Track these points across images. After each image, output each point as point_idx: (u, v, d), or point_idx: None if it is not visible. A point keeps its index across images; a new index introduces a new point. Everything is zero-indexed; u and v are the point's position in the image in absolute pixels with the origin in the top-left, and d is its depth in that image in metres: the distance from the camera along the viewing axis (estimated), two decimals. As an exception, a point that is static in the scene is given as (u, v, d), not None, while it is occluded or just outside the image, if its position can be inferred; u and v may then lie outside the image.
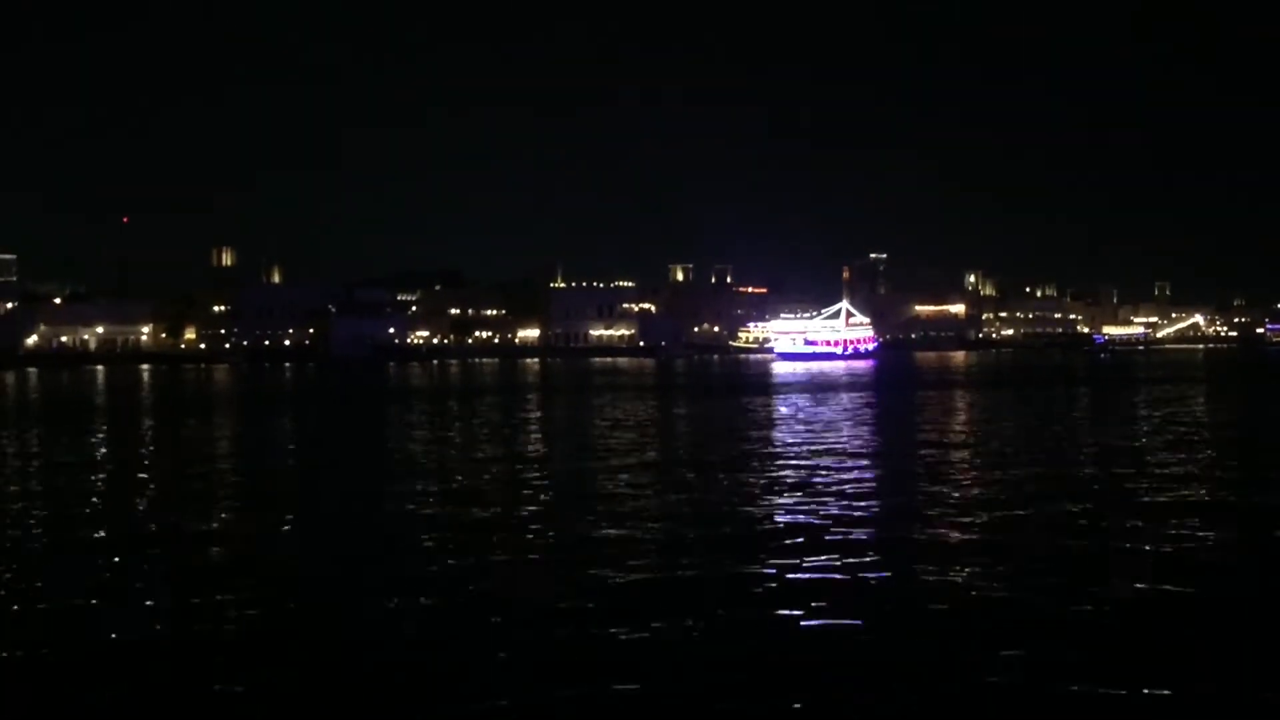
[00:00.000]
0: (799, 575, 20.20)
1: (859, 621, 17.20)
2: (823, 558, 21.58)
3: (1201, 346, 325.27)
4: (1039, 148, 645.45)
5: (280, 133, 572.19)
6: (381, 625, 17.58)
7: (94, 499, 31.90)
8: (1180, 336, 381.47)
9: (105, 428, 60.09)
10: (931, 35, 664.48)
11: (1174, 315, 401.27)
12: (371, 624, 17.67)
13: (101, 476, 37.39)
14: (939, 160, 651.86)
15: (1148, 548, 22.49)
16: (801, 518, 26.34)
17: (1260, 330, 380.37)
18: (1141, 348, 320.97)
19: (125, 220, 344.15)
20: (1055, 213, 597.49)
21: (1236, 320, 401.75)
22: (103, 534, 25.67)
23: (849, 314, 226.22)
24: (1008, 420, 57.39)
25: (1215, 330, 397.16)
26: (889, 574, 20.35)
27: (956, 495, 30.08)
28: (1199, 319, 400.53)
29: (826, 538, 23.68)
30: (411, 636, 16.83)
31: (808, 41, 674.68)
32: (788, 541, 23.31)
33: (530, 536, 24.68)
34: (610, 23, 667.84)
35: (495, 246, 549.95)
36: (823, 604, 18.21)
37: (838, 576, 20.17)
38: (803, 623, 17.07)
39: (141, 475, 38.26)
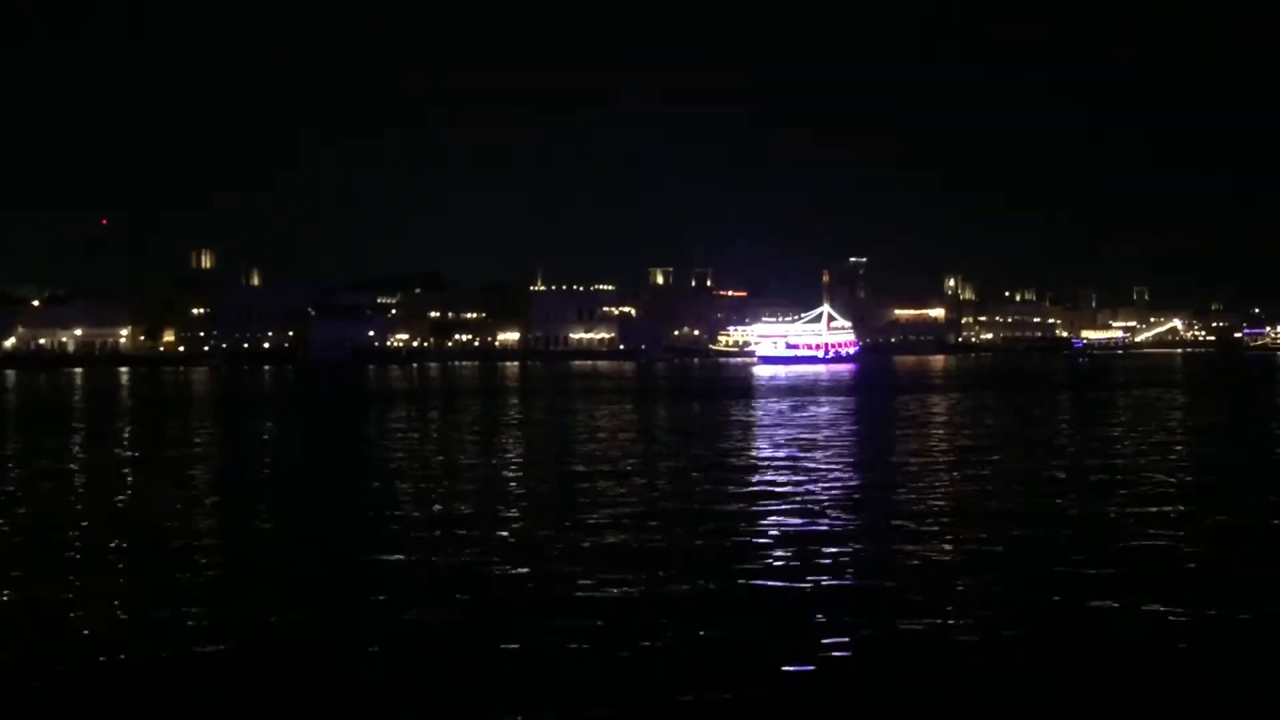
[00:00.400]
0: (781, 586, 20.12)
1: (844, 633, 17.20)
2: (803, 567, 21.51)
3: (1180, 351, 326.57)
4: (1022, 151, 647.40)
5: (257, 136, 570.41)
6: (369, 629, 17.50)
7: (72, 505, 31.72)
8: (1159, 341, 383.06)
9: (84, 431, 59.75)
10: (918, 36, 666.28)
11: (1152, 319, 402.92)
12: (360, 627, 17.61)
13: (80, 482, 37.22)
14: (920, 164, 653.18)
15: (1129, 556, 22.59)
16: (782, 526, 26.33)
17: (1238, 335, 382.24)
18: (1120, 352, 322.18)
19: (105, 223, 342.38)
20: (1034, 216, 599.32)
21: (1214, 325, 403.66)
22: (80, 542, 25.42)
23: (830, 318, 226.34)
24: (989, 425, 57.48)
25: (1193, 334, 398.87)
26: (870, 585, 20.29)
27: (939, 504, 30.08)
28: (1177, 323, 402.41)
29: (806, 546, 23.63)
30: (397, 644, 16.77)
31: (789, 42, 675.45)
32: (769, 550, 23.21)
33: (509, 543, 24.57)
34: (593, 25, 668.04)
35: (476, 250, 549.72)
36: (805, 614, 18.21)
37: (818, 586, 20.16)
38: (786, 635, 16.96)
39: (121, 479, 38.02)
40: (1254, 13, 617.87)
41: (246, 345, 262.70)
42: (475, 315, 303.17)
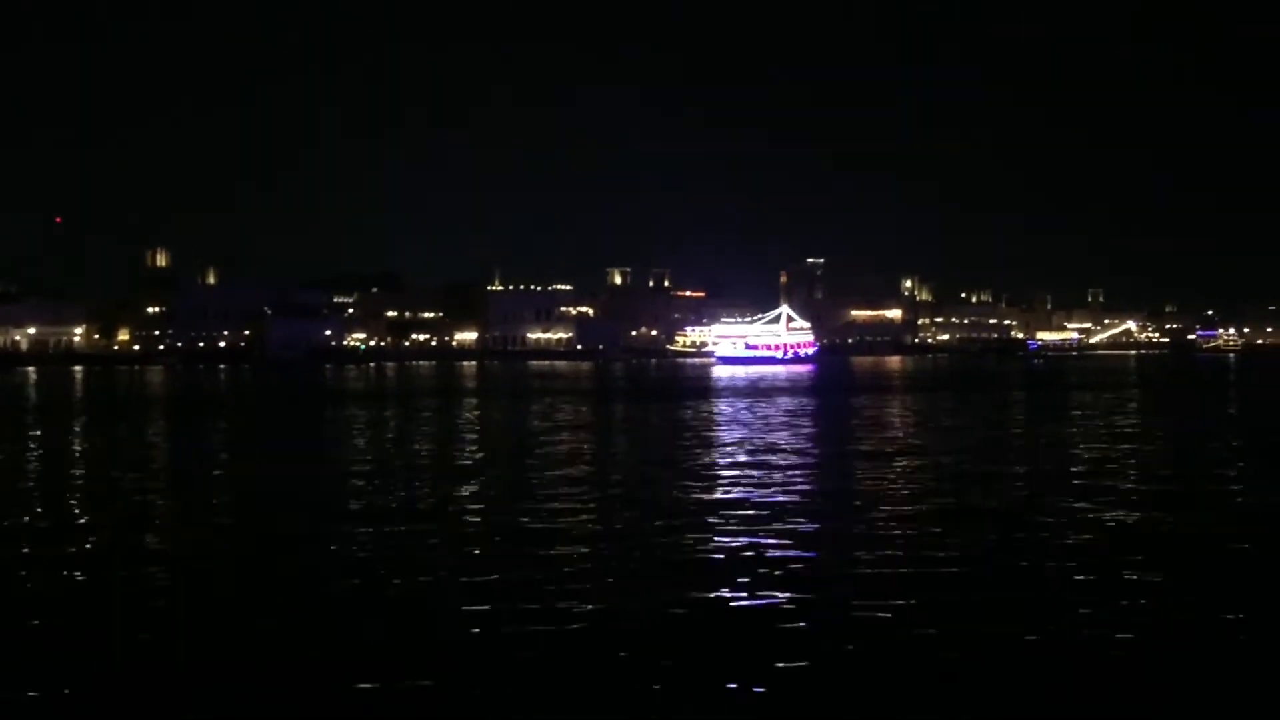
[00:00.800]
0: (745, 603, 19.81)
1: (812, 642, 17.22)
2: (764, 575, 21.41)
3: (1134, 352, 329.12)
4: (978, 152, 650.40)
5: (216, 139, 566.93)
6: (320, 649, 17.42)
7: (25, 509, 31.35)
8: (1113, 342, 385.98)
9: (37, 431, 59.08)
10: (871, 34, 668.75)
11: (1107, 321, 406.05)
12: (311, 646, 17.52)
13: (29, 485, 36.84)
14: (877, 165, 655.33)
15: (1095, 555, 22.73)
16: (743, 533, 26.17)
17: (1191, 336, 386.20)
18: (1075, 353, 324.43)
19: (59, 220, 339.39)
20: (990, 217, 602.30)
21: (1168, 326, 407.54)
22: (32, 551, 25.13)
23: (789, 319, 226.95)
24: (946, 426, 57.70)
25: (1147, 336, 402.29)
26: (824, 599, 20.25)
27: (900, 509, 30.05)
28: (1131, 325, 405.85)
29: (766, 553, 23.54)
30: (357, 656, 16.70)
31: (745, 42, 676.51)
32: (729, 558, 22.99)
33: (460, 554, 24.22)
34: (555, 25, 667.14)
35: (433, 250, 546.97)
36: (769, 624, 18.23)
37: (779, 595, 20.15)
38: (748, 656, 16.68)
39: (73, 482, 37.59)
40: (1254, 13, 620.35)
41: (202, 344, 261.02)
42: (433, 315, 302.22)
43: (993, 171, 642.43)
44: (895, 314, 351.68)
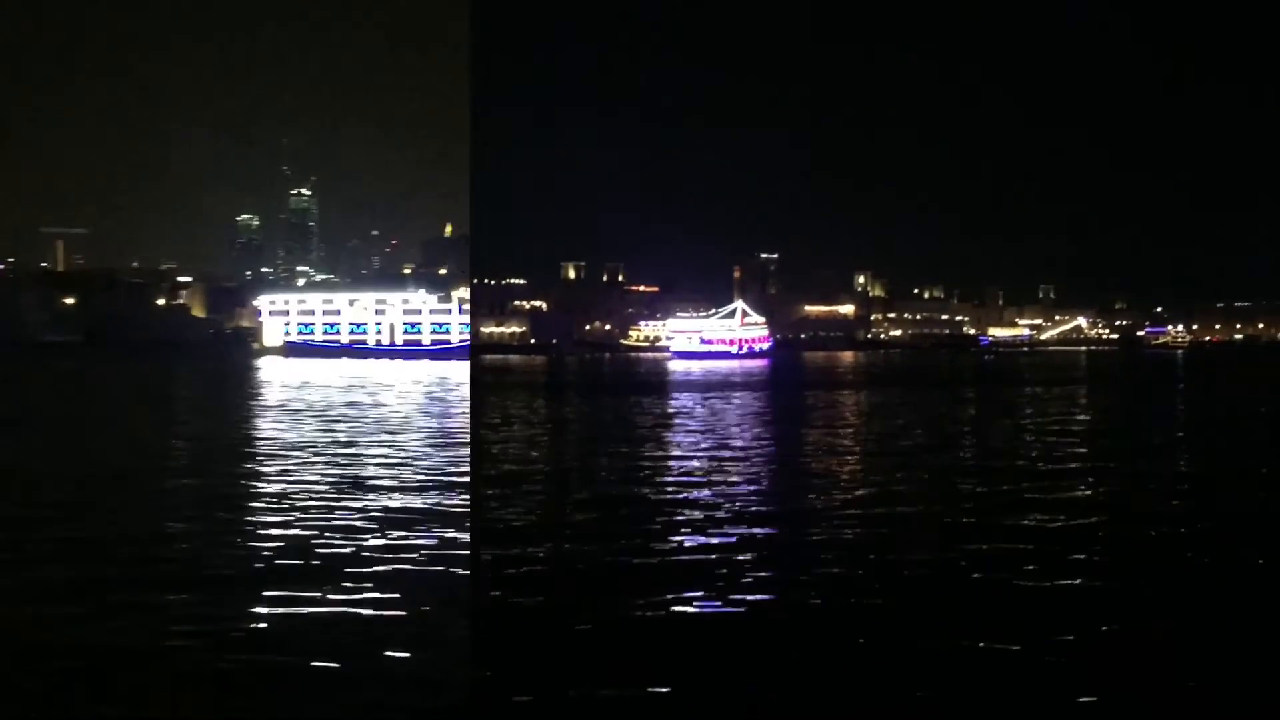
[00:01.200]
0: (703, 609, 19.43)
1: (780, 649, 17.08)
2: (726, 580, 21.14)
3: (1084, 349, 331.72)
4: (935, 147, 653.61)
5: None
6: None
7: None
8: (1064, 338, 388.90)
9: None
10: (831, 28, 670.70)
11: (1058, 317, 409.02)
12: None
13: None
14: (832, 159, 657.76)
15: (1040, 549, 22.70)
16: (702, 538, 25.89)
17: (1140, 333, 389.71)
18: (1026, 349, 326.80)
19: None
20: (944, 213, 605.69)
21: (1118, 323, 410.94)
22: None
23: (743, 314, 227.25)
24: (899, 423, 57.80)
25: (1097, 333, 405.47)
26: (780, 599, 20.08)
27: (858, 511, 29.82)
28: (1082, 321, 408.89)
29: (725, 557, 23.31)
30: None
31: (702, 34, 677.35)
32: (684, 569, 22.36)
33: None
34: (511, 21, 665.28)
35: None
36: (730, 632, 18.09)
37: (737, 601, 19.97)
38: (708, 668, 16.34)
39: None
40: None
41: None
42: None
43: (946, 168, 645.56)
44: (848, 309, 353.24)
